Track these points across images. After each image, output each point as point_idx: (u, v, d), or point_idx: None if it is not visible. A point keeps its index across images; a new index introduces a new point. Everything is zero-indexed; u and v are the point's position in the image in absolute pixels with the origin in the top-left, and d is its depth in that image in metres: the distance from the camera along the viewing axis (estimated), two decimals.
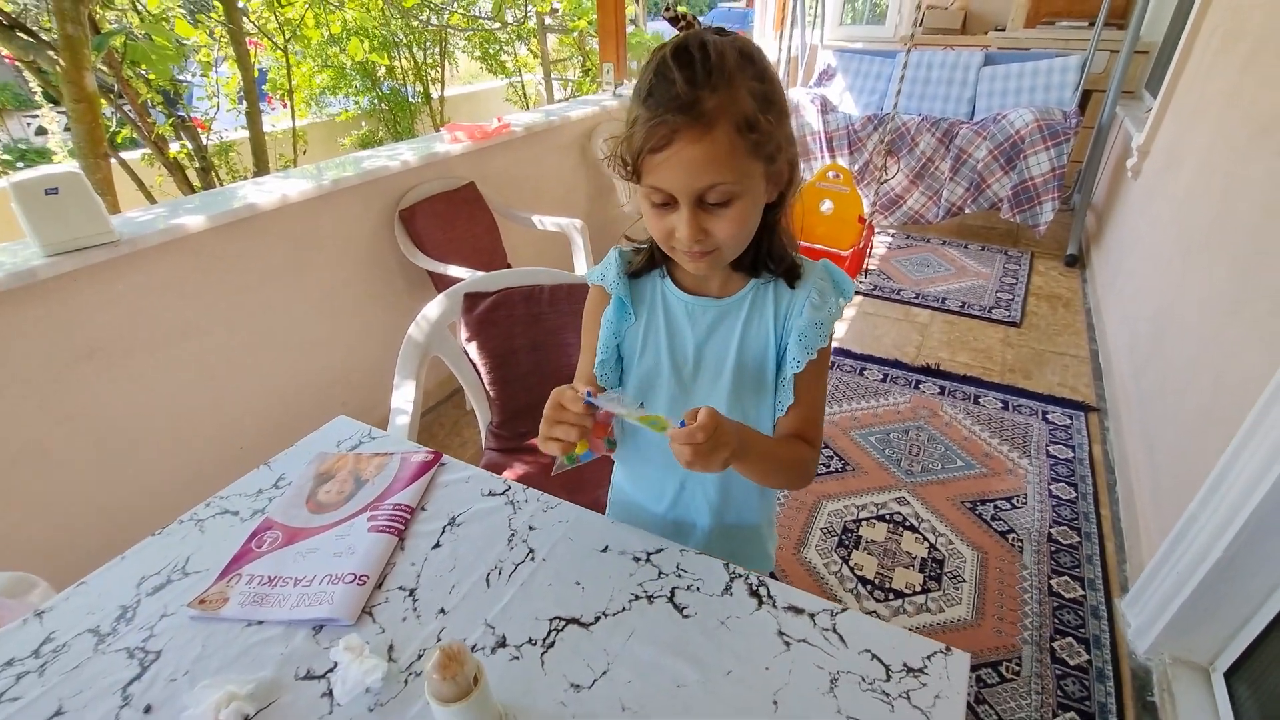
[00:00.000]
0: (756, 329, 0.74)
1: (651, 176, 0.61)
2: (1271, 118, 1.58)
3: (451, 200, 2.14)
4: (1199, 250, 1.80)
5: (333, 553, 0.74)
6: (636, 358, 0.78)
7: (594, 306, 0.80)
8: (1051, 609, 1.48)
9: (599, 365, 0.78)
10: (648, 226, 0.68)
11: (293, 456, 0.92)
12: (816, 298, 0.71)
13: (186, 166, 2.94)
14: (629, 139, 0.61)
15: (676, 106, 0.57)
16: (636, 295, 0.78)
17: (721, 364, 0.75)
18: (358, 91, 4.71)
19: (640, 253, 0.78)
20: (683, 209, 0.61)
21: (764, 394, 0.75)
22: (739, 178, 0.60)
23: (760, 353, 0.74)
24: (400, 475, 0.86)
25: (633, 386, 0.79)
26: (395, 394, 1.23)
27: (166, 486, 1.60)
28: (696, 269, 0.68)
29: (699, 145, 0.58)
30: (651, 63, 0.61)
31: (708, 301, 0.74)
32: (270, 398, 1.81)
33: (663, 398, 0.77)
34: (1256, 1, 1.95)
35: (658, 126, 0.58)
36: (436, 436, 2.15)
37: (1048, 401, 2.22)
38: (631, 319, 0.77)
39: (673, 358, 0.76)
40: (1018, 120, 3.12)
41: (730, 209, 0.62)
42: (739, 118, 0.58)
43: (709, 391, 0.76)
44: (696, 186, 0.60)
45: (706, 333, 0.75)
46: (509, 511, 0.80)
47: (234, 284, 1.66)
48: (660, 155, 0.59)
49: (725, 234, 0.63)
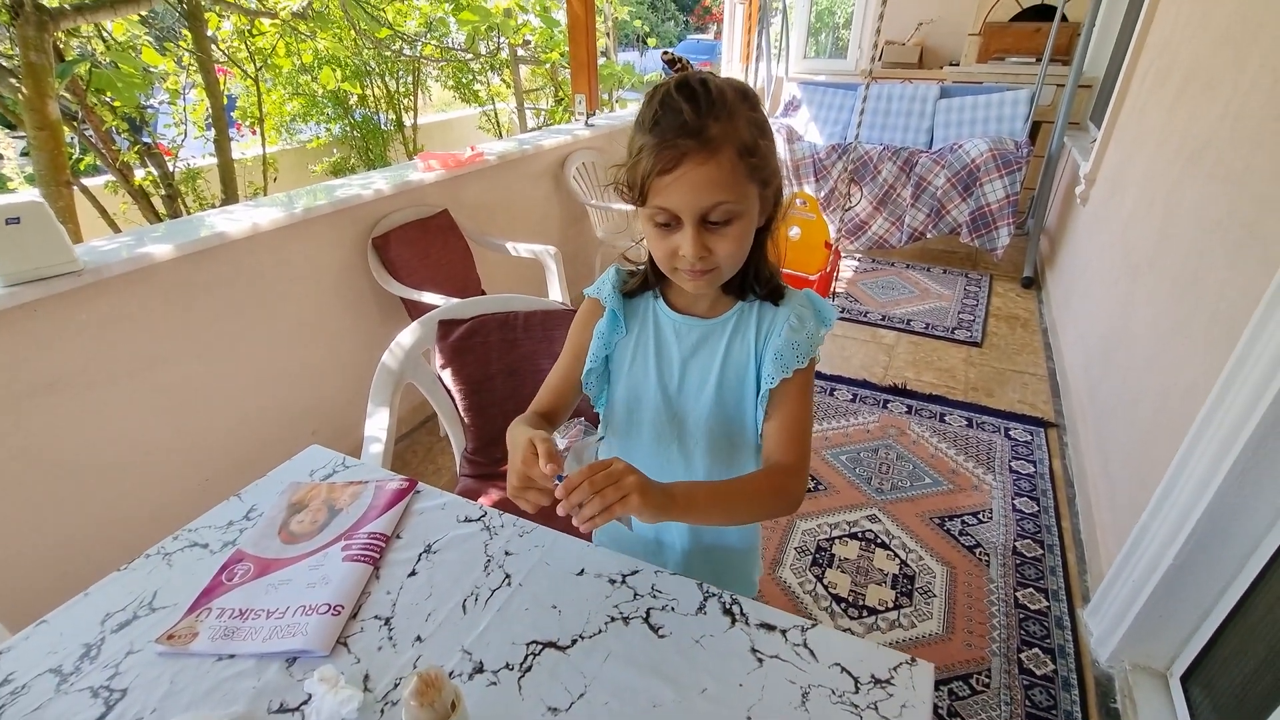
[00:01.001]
0: (739, 348, 0.77)
1: (659, 198, 0.65)
2: (1200, 146, 1.70)
3: (425, 228, 2.16)
4: (1144, 271, 1.90)
5: (306, 583, 0.74)
6: (625, 369, 0.82)
7: (585, 317, 0.84)
8: (1018, 621, 1.52)
9: (587, 374, 0.81)
10: (650, 248, 0.72)
11: (264, 487, 0.91)
12: (795, 321, 0.75)
13: (152, 194, 2.89)
14: (635, 164, 0.66)
15: (684, 132, 0.62)
16: (629, 311, 0.82)
17: (705, 379, 0.78)
18: (329, 119, 4.71)
19: (636, 275, 0.82)
20: (687, 228, 0.66)
21: (745, 408, 0.79)
22: (739, 198, 0.65)
23: (742, 369, 0.78)
24: (375, 503, 0.86)
25: (620, 397, 0.83)
26: (369, 422, 1.22)
27: (131, 521, 1.55)
28: (696, 288, 0.72)
29: (705, 168, 0.63)
30: (655, 97, 0.65)
31: (695, 320, 0.79)
32: (240, 429, 1.78)
33: (649, 409, 0.80)
34: (1183, 40, 2.10)
35: (666, 150, 0.62)
36: (410, 464, 2.13)
37: (1009, 418, 2.29)
38: (623, 332, 0.81)
39: (659, 371, 0.80)
40: (973, 150, 3.27)
41: (731, 228, 0.67)
42: (740, 144, 0.64)
43: (693, 404, 0.79)
44: (701, 205, 0.64)
45: (692, 350, 0.79)
46: (485, 537, 0.80)
47: (202, 313, 1.63)
48: (668, 177, 0.63)
49: (725, 252, 0.67)
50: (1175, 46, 2.19)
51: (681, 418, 0.80)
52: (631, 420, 0.83)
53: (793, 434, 0.75)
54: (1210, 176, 1.59)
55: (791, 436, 0.75)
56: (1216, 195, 1.51)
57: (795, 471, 0.74)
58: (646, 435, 0.82)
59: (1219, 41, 1.79)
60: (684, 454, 0.81)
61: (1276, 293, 1.07)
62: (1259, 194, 1.32)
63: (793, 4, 5.03)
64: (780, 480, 0.73)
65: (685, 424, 0.80)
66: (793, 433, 0.75)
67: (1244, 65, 1.56)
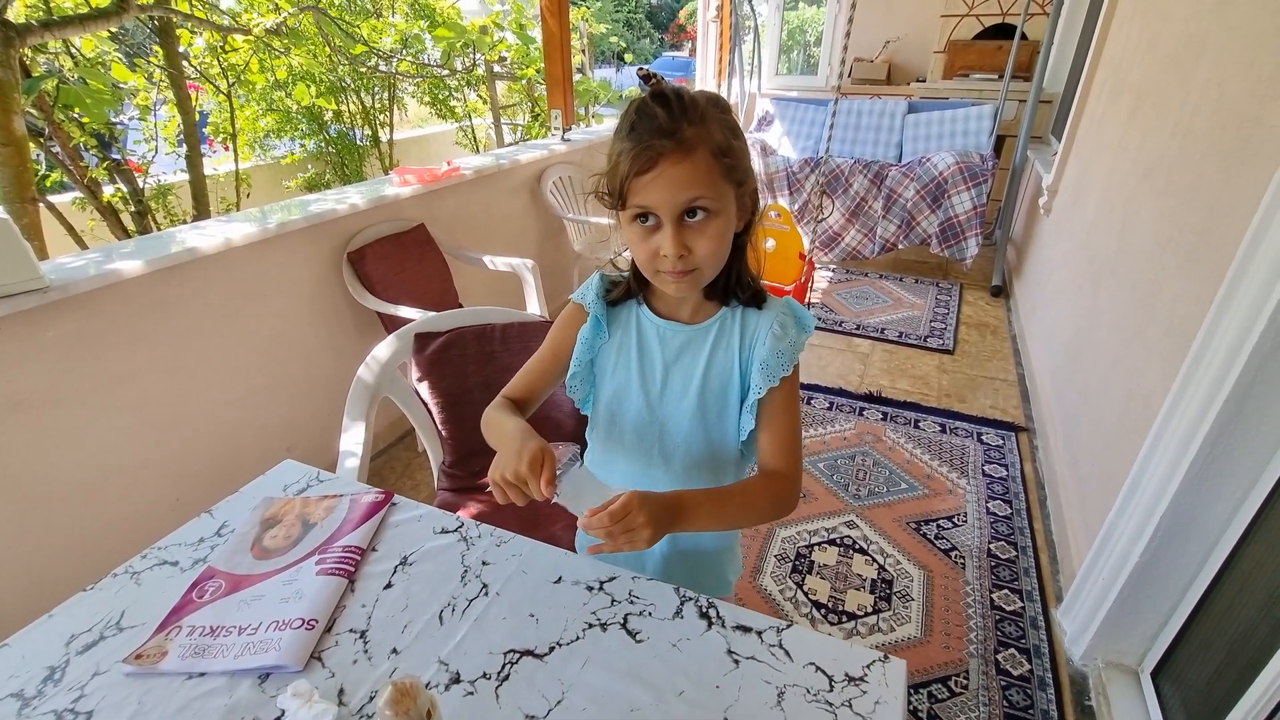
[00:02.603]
0: (723, 354, 0.79)
1: (638, 197, 0.67)
2: (1153, 162, 1.77)
3: (401, 242, 2.15)
4: (1106, 278, 1.97)
5: (279, 598, 0.73)
6: (608, 374, 0.83)
7: (567, 321, 0.85)
8: (994, 622, 1.55)
9: (571, 378, 0.82)
10: (632, 252, 0.73)
11: (236, 503, 0.90)
12: (779, 329, 0.76)
13: (121, 210, 2.85)
14: (614, 168, 0.68)
15: (661, 134, 0.65)
16: (612, 317, 0.83)
17: (688, 385, 0.79)
18: (304, 135, 4.68)
19: (619, 284, 0.83)
20: (666, 226, 0.67)
21: (727, 414, 0.80)
22: (716, 195, 0.67)
23: (725, 376, 0.79)
24: (350, 517, 0.85)
25: (604, 401, 0.83)
26: (344, 436, 1.21)
27: (100, 542, 1.51)
28: (678, 289, 0.72)
29: (681, 166, 0.65)
30: (631, 108, 0.68)
31: (678, 326, 0.80)
32: (213, 447, 1.75)
33: (631, 413, 0.82)
34: (1135, 61, 2.20)
35: (644, 151, 0.65)
36: (388, 479, 2.10)
37: (981, 424, 2.34)
38: (605, 337, 0.82)
39: (642, 376, 0.81)
40: (940, 163, 3.36)
41: (709, 226, 0.68)
42: (714, 145, 0.67)
43: (675, 409, 0.80)
44: (679, 201, 0.66)
45: (675, 355, 0.80)
46: (462, 548, 0.80)
47: (173, 330, 1.61)
48: (646, 177, 0.66)
49: (705, 250, 0.69)
50: (1126, 67, 2.29)
51: (663, 422, 0.81)
52: (614, 424, 0.84)
53: (785, 441, 0.78)
54: (1163, 191, 1.66)
55: (784, 443, 0.78)
56: (1171, 209, 1.58)
57: (790, 477, 0.77)
58: (629, 439, 0.83)
59: (1165, 63, 1.87)
60: (664, 458, 0.82)
61: (1226, 298, 1.12)
62: (1209, 202, 1.38)
63: (765, 23, 5.15)
64: (776, 486, 0.76)
65: (666, 428, 0.81)
66: (785, 440, 0.78)
67: (1189, 84, 1.64)
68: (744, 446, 0.81)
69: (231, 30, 2.75)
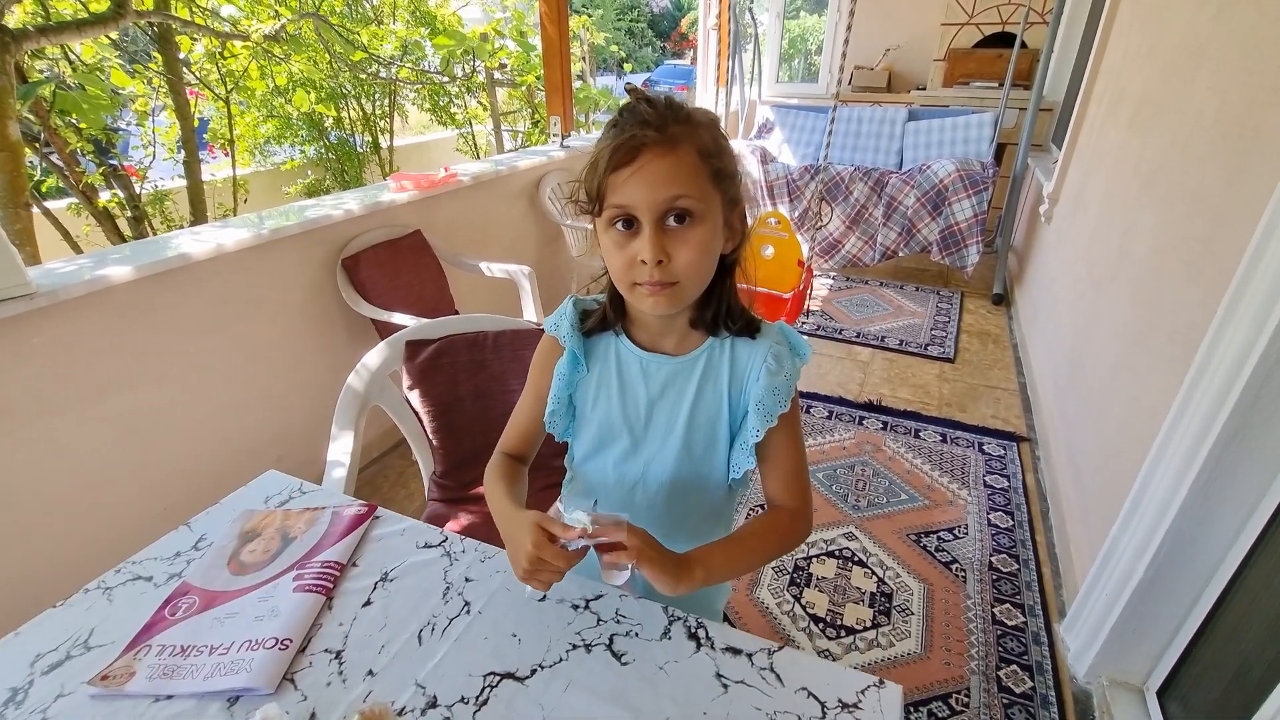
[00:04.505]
0: (711, 389, 0.73)
1: (615, 195, 0.62)
2: (1154, 170, 1.76)
3: (397, 248, 2.14)
4: (1107, 286, 1.95)
5: (254, 616, 0.71)
6: (589, 409, 0.78)
7: (544, 356, 0.80)
8: (996, 637, 1.52)
9: (549, 415, 0.78)
10: (608, 264, 0.68)
11: (216, 515, 0.88)
12: (773, 362, 0.71)
13: (118, 216, 2.84)
14: (593, 166, 0.64)
15: (644, 126, 0.61)
16: (590, 349, 0.77)
17: (674, 421, 0.74)
18: (304, 141, 4.69)
19: (593, 312, 0.77)
20: (645, 228, 0.62)
21: (715, 453, 0.75)
22: (701, 196, 0.62)
23: (713, 413, 0.74)
24: (331, 530, 0.83)
25: (584, 437, 0.79)
26: (332, 445, 1.19)
27: (87, 553, 1.48)
28: (656, 305, 0.66)
29: (665, 160, 0.61)
30: (617, 110, 0.65)
31: (662, 359, 0.74)
32: (202, 455, 1.72)
33: (614, 451, 0.77)
34: (1134, 70, 2.19)
35: (626, 142, 0.60)
36: (380, 489, 2.08)
37: (982, 433, 2.32)
38: (584, 371, 0.77)
39: (625, 412, 0.76)
40: (941, 170, 3.35)
41: (692, 231, 0.63)
42: (701, 145, 0.63)
43: (660, 447, 0.76)
44: (660, 198, 0.61)
45: (660, 389, 0.75)
46: (445, 564, 0.78)
47: (163, 337, 1.59)
48: (626, 171, 0.61)
49: (686, 259, 0.63)
50: (1126, 76, 2.28)
51: (647, 460, 0.77)
52: (595, 460, 0.80)
53: (790, 478, 0.75)
54: (1164, 200, 1.64)
55: (789, 480, 0.75)
56: (1173, 217, 1.56)
57: (799, 514, 0.74)
58: (610, 476, 0.79)
59: (1165, 71, 1.86)
60: (647, 497, 0.78)
61: (1230, 308, 1.09)
62: (1212, 210, 1.36)
63: (765, 31, 5.16)
64: (786, 523, 0.74)
65: (651, 466, 0.77)
66: (790, 476, 0.75)
67: (1189, 93, 1.62)
68: (735, 482, 0.78)
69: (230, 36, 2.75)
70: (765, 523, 0.74)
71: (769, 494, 0.76)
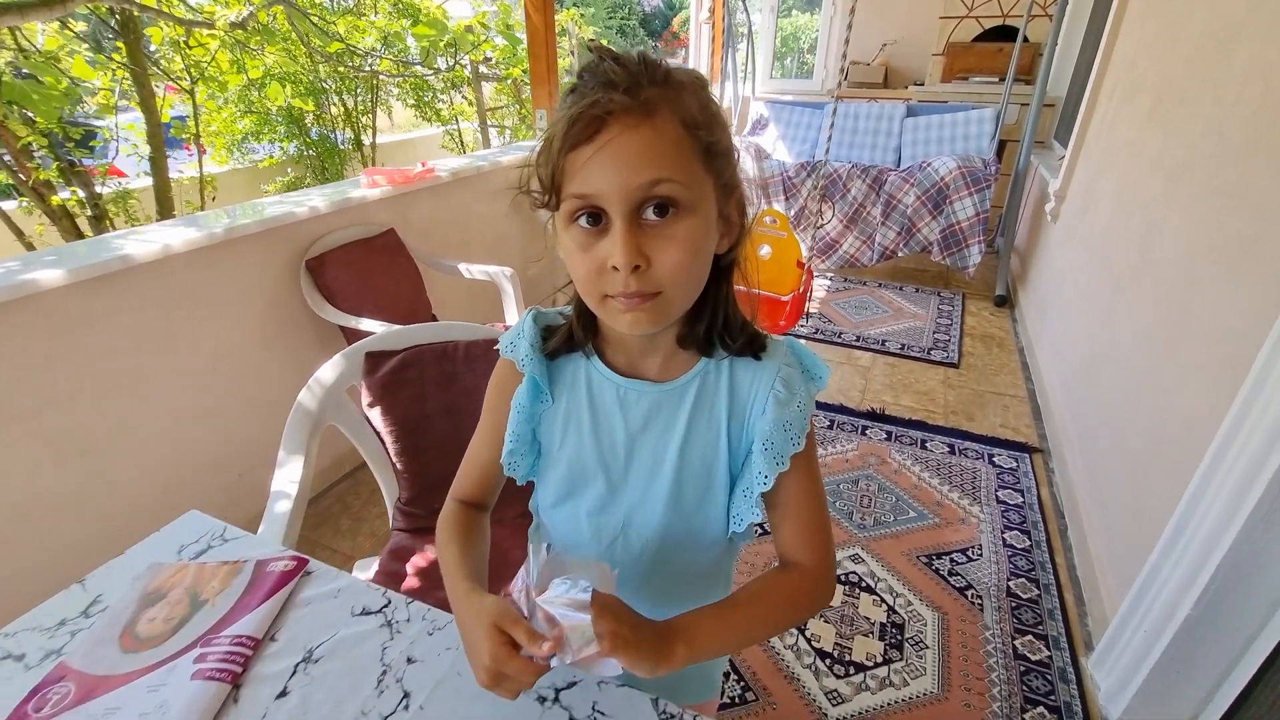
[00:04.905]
0: (706, 423, 0.60)
1: (576, 182, 0.48)
2: (1180, 164, 1.64)
3: (369, 248, 1.99)
4: (1127, 289, 1.83)
5: (138, 713, 0.56)
6: (555, 448, 0.64)
7: (501, 383, 0.66)
8: (1019, 674, 1.39)
9: (508, 456, 0.63)
10: (571, 271, 0.53)
11: (117, 570, 0.73)
12: (782, 390, 0.58)
13: (78, 215, 2.67)
14: (547, 145, 0.49)
15: (611, 88, 0.46)
16: (555, 374, 0.63)
17: (660, 462, 0.60)
18: (283, 138, 4.51)
19: (558, 330, 0.62)
20: (616, 224, 0.48)
21: (711, 501, 0.62)
22: (688, 180, 0.48)
23: (708, 452, 0.60)
24: (250, 592, 0.68)
25: (551, 480, 0.65)
26: (277, 474, 1.05)
27: (14, 585, 1.32)
28: (634, 322, 0.51)
29: (638, 132, 0.46)
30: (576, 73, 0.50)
31: (644, 386, 0.60)
32: (153, 475, 1.57)
33: (586, 498, 0.63)
34: (1151, 59, 2.07)
35: (587, 109, 0.46)
36: (336, 519, 1.88)
37: (992, 444, 2.19)
38: (549, 401, 0.63)
39: (599, 451, 0.62)
40: (942, 168, 3.23)
41: (677, 225, 0.49)
42: (686, 113, 0.48)
43: (643, 494, 0.62)
44: (634, 184, 0.47)
45: (642, 423, 0.60)
46: (384, 637, 0.63)
47: (102, 348, 1.44)
48: (587, 149, 0.47)
49: (670, 263, 0.49)
50: (1142, 66, 2.16)
51: (628, 510, 0.63)
52: (564, 510, 0.65)
53: (807, 530, 0.61)
54: (1194, 196, 1.52)
55: (806, 533, 0.61)
56: (1206, 214, 1.44)
57: (819, 576, 0.60)
58: (584, 530, 0.64)
59: (1190, 59, 1.74)
60: (629, 555, 0.64)
61: None
62: (1256, 206, 1.24)
63: (758, 29, 5.03)
64: (800, 587, 0.60)
65: (632, 517, 0.63)
66: (807, 528, 0.61)
67: (1223, 79, 1.50)
68: (736, 535, 0.63)
69: (194, 24, 2.58)
70: (774, 585, 0.60)
71: (781, 549, 0.63)
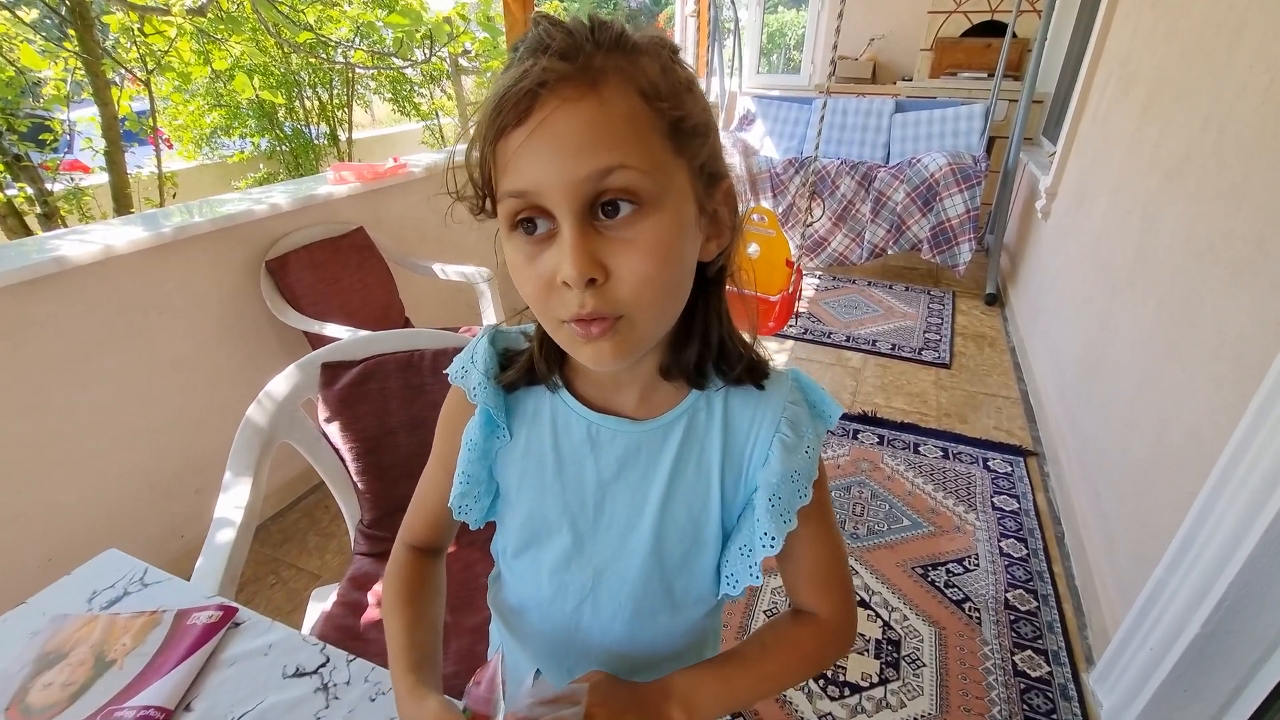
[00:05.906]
0: (694, 469, 0.50)
1: (508, 177, 0.38)
2: (1178, 162, 1.58)
3: (336, 248, 1.88)
4: (1124, 289, 1.77)
5: None
6: (514, 491, 0.54)
7: (450, 414, 0.56)
8: (1019, 692, 1.33)
9: (458, 499, 0.53)
10: (520, 291, 0.43)
11: (16, 622, 0.64)
12: (789, 433, 0.49)
13: (26, 213, 2.53)
14: (477, 131, 0.39)
15: (549, 55, 0.36)
16: (514, 406, 0.53)
17: (636, 514, 0.51)
18: (254, 132, 4.36)
19: (519, 356, 0.52)
20: (563, 227, 0.38)
21: (699, 560, 0.52)
22: (650, 167, 0.38)
23: (696, 503, 0.51)
24: (166, 650, 0.59)
25: (510, 527, 0.55)
26: (222, 498, 0.96)
27: None
28: (597, 357, 0.41)
29: (579, 106, 0.36)
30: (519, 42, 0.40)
31: (620, 423, 0.50)
32: (98, 494, 1.46)
33: (549, 552, 0.54)
34: (1146, 53, 2.02)
35: (519, 81, 0.36)
36: (294, 543, 1.74)
37: (986, 447, 2.14)
38: (506, 438, 0.53)
39: (564, 498, 0.52)
40: (932, 164, 3.18)
41: (639, 227, 0.38)
42: (642, 81, 0.38)
43: (617, 550, 0.52)
44: (579, 173, 0.36)
45: (616, 468, 0.51)
46: (318, 704, 0.55)
47: (37, 358, 1.33)
48: (519, 132, 0.36)
49: (632, 276, 0.38)
50: (1136, 60, 2.12)
51: (598, 567, 0.53)
52: (525, 562, 0.56)
53: (825, 583, 0.54)
54: (1195, 194, 1.46)
55: (824, 586, 0.54)
56: (1208, 213, 1.38)
57: (838, 629, 0.53)
58: (546, 588, 0.55)
59: (1188, 51, 1.69)
60: (599, 621, 0.55)
61: None
62: (1262, 205, 1.18)
63: (745, 25, 4.96)
64: (816, 639, 0.53)
65: (604, 576, 0.53)
66: (824, 581, 0.53)
67: (1224, 73, 1.45)
68: (729, 597, 0.54)
69: (148, 9, 2.45)
70: (787, 638, 0.53)
71: (794, 597, 0.55)
